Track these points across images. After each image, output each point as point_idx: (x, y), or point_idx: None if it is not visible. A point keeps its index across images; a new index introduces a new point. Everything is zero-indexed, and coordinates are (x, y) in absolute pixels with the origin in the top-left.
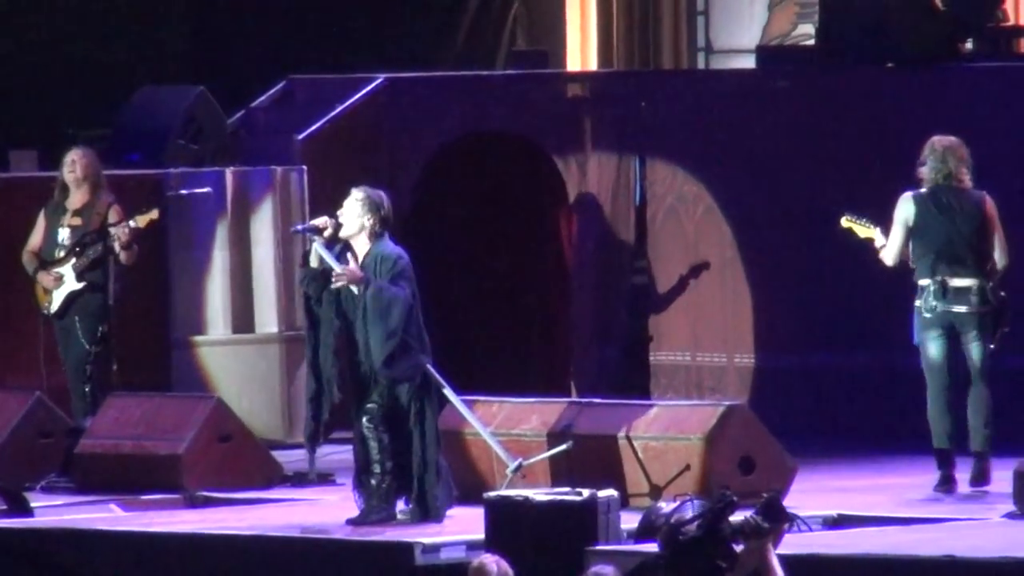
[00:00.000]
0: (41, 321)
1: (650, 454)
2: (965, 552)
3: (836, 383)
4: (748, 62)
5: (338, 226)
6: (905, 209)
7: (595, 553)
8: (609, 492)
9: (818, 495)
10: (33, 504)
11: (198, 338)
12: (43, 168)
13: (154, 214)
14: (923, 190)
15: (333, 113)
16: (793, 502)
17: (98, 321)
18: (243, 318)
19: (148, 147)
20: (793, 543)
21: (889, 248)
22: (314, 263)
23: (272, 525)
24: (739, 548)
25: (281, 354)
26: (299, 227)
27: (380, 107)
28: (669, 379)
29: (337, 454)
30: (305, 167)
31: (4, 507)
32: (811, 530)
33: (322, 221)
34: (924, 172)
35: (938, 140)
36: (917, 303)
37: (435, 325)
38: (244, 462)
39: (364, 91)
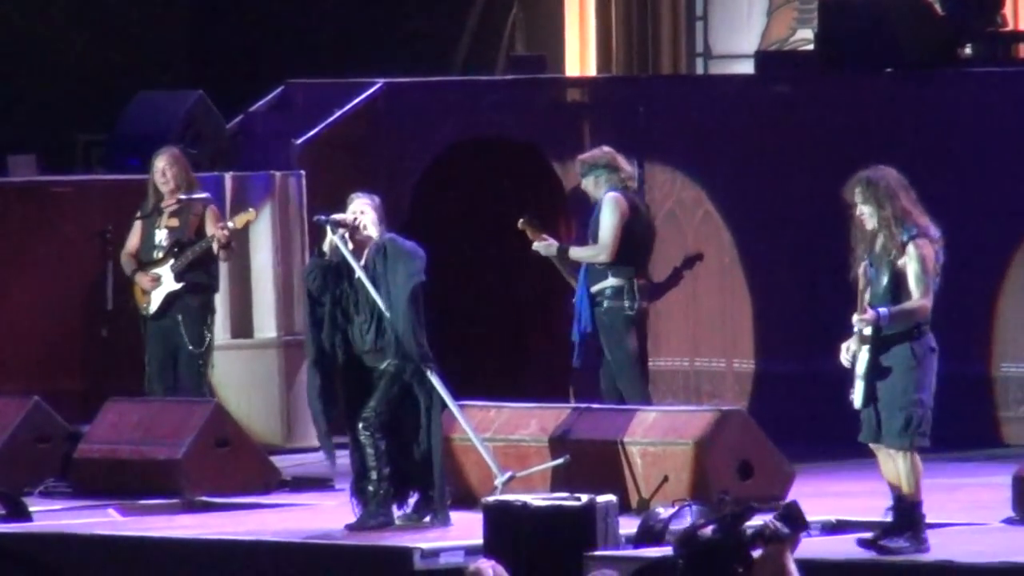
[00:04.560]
0: (141, 323)
1: (648, 459)
2: (964, 557)
3: (834, 388)
4: (747, 67)
5: (356, 227)
6: (625, 208)
7: (594, 558)
8: (607, 497)
9: (817, 500)
10: (31, 509)
11: None
12: (42, 172)
13: (251, 214)
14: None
15: (332, 118)
16: None
17: (201, 323)
18: (242, 323)
19: (147, 151)
20: None
21: (615, 244)
22: (326, 250)
23: (270, 530)
24: (756, 553)
25: (280, 359)
26: (323, 217)
27: (378, 112)
28: (667, 384)
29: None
30: (304, 172)
31: (3, 512)
32: (810, 535)
33: (343, 216)
34: (609, 178)
35: (610, 150)
36: (620, 302)
37: (433, 330)
38: (242, 467)
39: (362, 96)
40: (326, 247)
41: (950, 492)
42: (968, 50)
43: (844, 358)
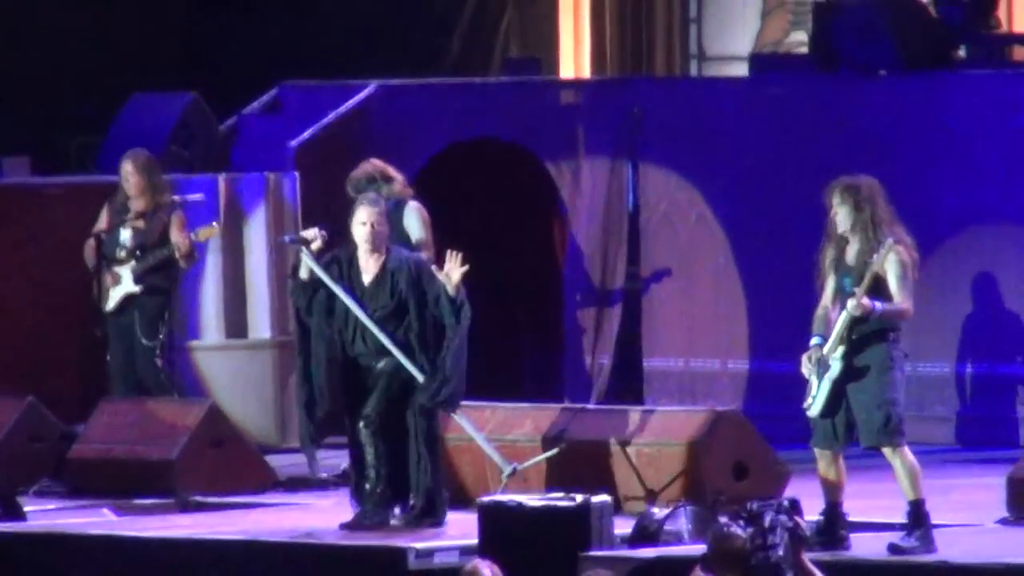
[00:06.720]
0: (103, 320)
1: (643, 460)
2: (958, 558)
3: None
4: (741, 69)
5: (329, 237)
6: (427, 217)
7: (588, 559)
8: (602, 497)
9: (811, 501)
10: (26, 509)
11: (192, 343)
12: (36, 174)
13: (214, 229)
14: None
15: (325, 120)
16: None
17: (157, 319)
18: (236, 323)
19: None
20: None
21: (432, 254)
22: (303, 275)
23: (265, 530)
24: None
25: (274, 359)
26: (287, 238)
27: (372, 114)
28: (662, 385)
29: (330, 459)
30: (297, 174)
31: None
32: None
33: (311, 233)
34: (389, 190)
35: (379, 162)
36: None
37: None
38: (237, 467)
39: (356, 98)
40: (302, 268)
41: (944, 493)
42: (962, 52)
43: (806, 367)
